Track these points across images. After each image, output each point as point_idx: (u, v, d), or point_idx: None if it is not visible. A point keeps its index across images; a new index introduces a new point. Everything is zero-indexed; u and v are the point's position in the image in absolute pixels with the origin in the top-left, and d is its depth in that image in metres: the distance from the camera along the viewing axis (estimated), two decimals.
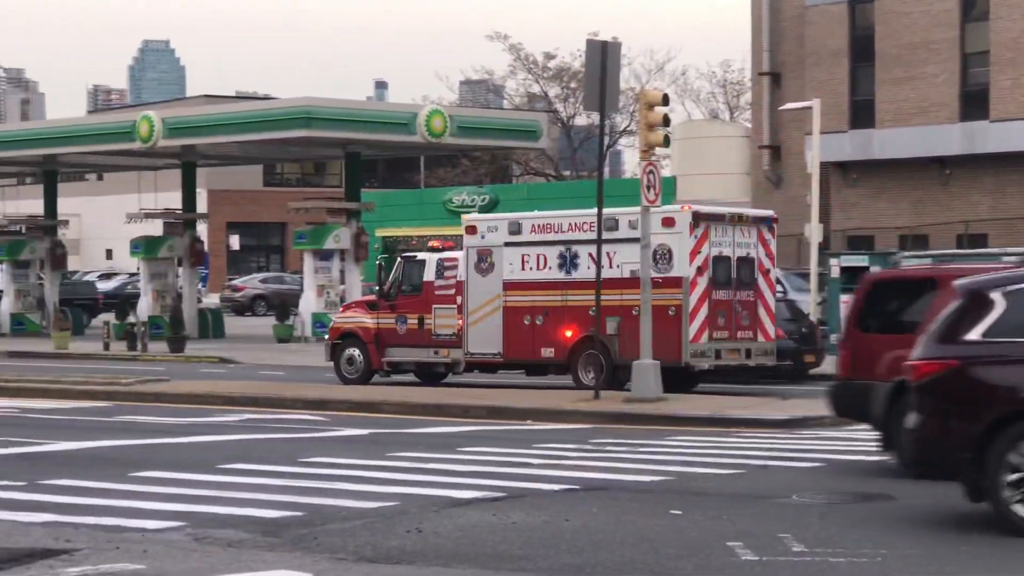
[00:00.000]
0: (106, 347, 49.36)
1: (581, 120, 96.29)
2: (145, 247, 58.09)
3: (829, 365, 32.08)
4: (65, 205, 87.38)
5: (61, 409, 30.13)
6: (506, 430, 25.85)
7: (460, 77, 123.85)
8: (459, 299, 33.78)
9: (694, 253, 30.68)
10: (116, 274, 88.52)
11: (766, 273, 31.97)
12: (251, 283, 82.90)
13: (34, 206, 71.76)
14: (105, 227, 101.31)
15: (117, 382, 34.10)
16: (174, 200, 62.09)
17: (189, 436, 24.67)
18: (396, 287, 35.21)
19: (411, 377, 36.30)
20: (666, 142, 29.79)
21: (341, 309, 39.18)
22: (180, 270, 58.57)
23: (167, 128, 53.65)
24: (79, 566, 13.35)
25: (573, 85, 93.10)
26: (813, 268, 43.08)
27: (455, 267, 34.06)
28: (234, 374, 39.69)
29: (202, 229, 71.18)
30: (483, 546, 14.42)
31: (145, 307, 56.59)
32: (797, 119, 57.78)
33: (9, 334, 60.04)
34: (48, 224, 63.40)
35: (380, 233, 79.82)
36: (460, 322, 33.68)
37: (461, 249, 34.27)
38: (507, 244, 33.10)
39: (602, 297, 29.31)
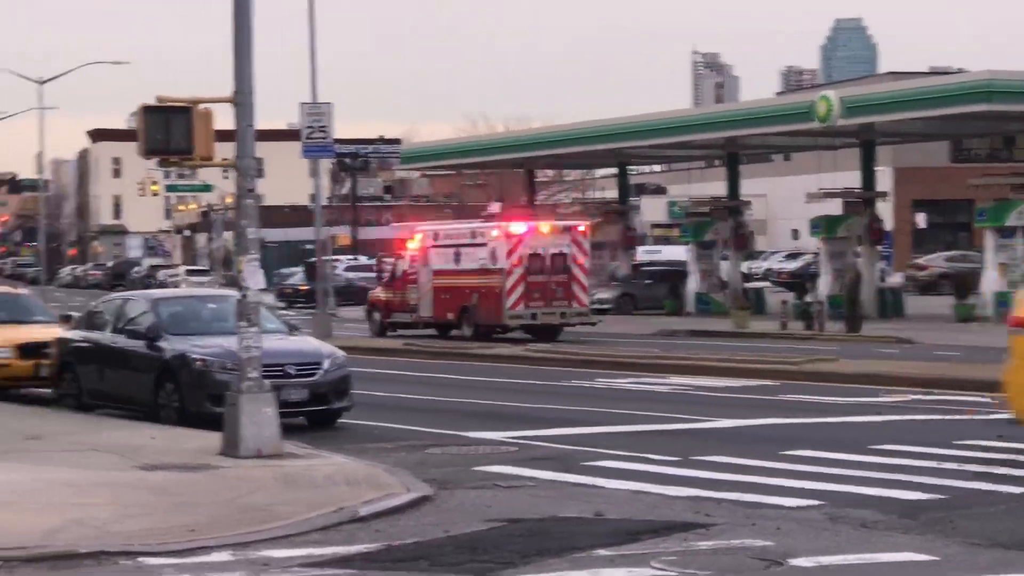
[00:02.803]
0: (783, 326, 50.08)
1: None
2: (825, 226, 58.61)
3: None
4: (752, 186, 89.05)
5: (729, 387, 30.89)
6: None
7: None
8: (417, 282, 49.37)
9: (510, 253, 46.13)
10: (801, 254, 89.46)
11: (579, 263, 46.74)
12: (935, 262, 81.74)
13: (720, 188, 73.55)
14: (790, 207, 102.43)
15: (786, 361, 34.57)
16: (855, 179, 62.14)
17: (847, 416, 24.76)
18: (393, 273, 51.11)
19: None
20: None
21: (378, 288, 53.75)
22: (860, 249, 58.58)
23: (845, 107, 53.77)
24: (711, 540, 13.78)
25: None
26: None
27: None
28: (907, 354, 39.35)
29: (884, 207, 70.84)
30: None
31: (824, 287, 57.07)
32: None
33: (694, 313, 61.94)
34: (731, 205, 64.88)
35: None
36: (418, 297, 49.19)
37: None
38: (432, 246, 48.88)
39: (467, 281, 47.19)
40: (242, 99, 19.54)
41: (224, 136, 20.09)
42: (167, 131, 19.54)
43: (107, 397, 25.38)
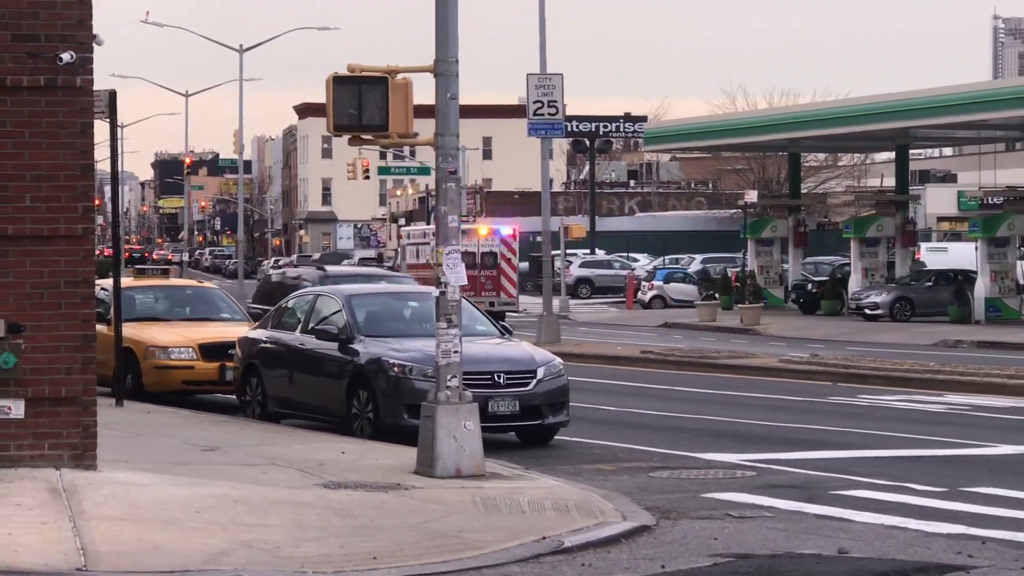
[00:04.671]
0: None
1: None
2: None
3: None
4: None
5: (1016, 408, 30.25)
6: None
7: None
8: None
9: None
10: None
11: (507, 260, 59.70)
12: None
13: (1020, 176, 72.13)
14: None
15: None
16: None
17: None
18: (393, 266, 68.22)
19: None
20: None
21: None
22: None
23: None
24: None
25: None
26: None
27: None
28: None
29: None
30: None
31: None
32: None
33: (983, 321, 60.77)
34: None
35: None
36: None
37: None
38: (407, 244, 65.75)
39: (421, 273, 55.94)
40: (444, 68, 19.66)
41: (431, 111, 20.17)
42: (359, 105, 19.74)
43: (295, 405, 25.79)
